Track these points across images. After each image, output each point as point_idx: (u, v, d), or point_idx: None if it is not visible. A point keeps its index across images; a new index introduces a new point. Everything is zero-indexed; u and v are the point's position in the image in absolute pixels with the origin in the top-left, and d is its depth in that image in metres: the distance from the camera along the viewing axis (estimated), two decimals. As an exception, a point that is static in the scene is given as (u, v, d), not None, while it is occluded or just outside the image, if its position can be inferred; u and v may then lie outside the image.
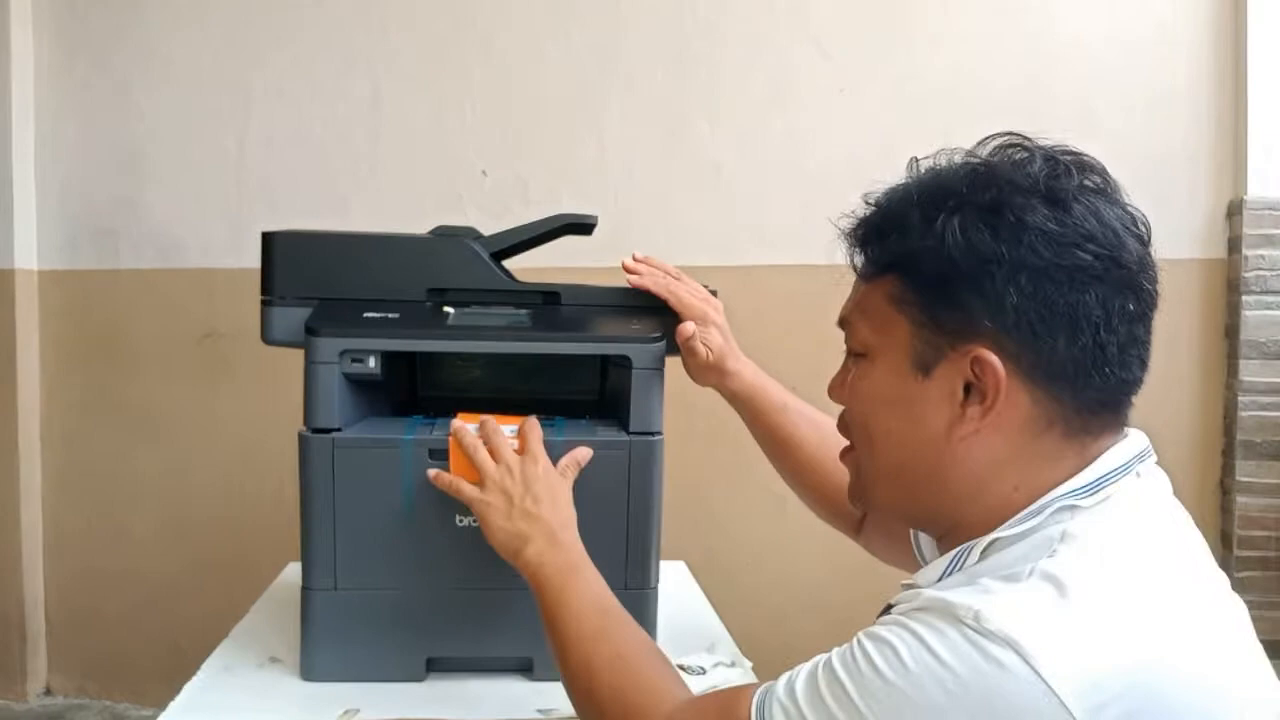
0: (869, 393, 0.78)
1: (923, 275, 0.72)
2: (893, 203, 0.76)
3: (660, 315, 1.20)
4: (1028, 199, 0.70)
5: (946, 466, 0.74)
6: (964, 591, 0.65)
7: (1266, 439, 2.45)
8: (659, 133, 2.60)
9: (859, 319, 0.79)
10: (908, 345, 0.74)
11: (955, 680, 0.60)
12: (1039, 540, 0.68)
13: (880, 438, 0.78)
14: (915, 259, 0.72)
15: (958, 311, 0.71)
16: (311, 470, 1.11)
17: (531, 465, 1.03)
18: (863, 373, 0.79)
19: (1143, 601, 0.63)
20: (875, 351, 0.77)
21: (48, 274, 2.76)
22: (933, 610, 0.64)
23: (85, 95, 2.74)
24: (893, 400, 0.75)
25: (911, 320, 0.74)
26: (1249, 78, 2.45)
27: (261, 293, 1.18)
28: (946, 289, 0.71)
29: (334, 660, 1.14)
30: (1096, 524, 0.68)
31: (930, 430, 0.73)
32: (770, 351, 2.45)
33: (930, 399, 0.73)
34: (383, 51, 2.65)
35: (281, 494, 2.46)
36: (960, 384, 0.72)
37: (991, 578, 0.66)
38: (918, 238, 0.72)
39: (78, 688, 2.80)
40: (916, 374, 0.74)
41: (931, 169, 0.77)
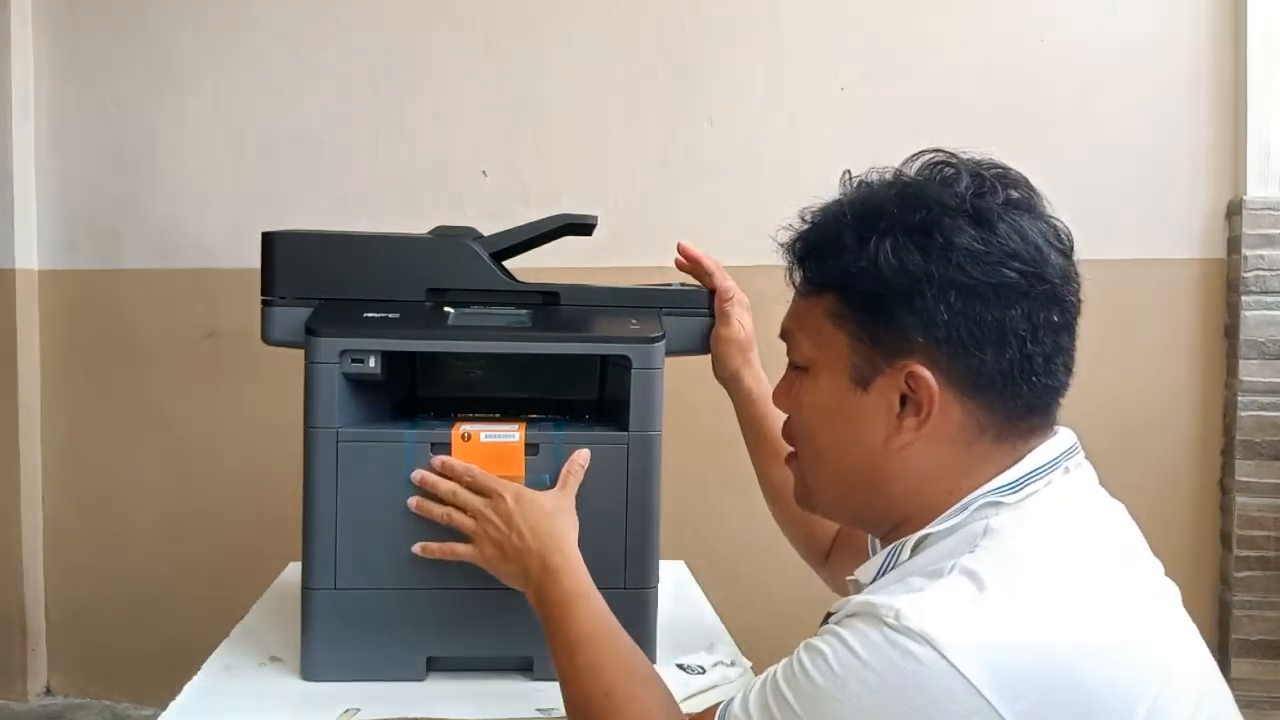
0: (812, 405, 0.82)
1: (858, 294, 0.76)
2: (827, 221, 0.80)
3: (661, 314, 1.20)
4: (955, 219, 0.73)
5: (885, 474, 0.78)
6: (891, 591, 0.69)
7: (1266, 439, 2.45)
8: (659, 133, 2.60)
9: (800, 333, 0.83)
10: (846, 360, 0.78)
11: (877, 679, 0.64)
12: (963, 536, 0.72)
13: (824, 448, 0.82)
14: (850, 279, 0.76)
15: (892, 328, 0.75)
16: (315, 465, 1.12)
17: (501, 503, 1.04)
18: (805, 386, 0.83)
19: (1057, 588, 0.67)
20: (816, 366, 0.81)
21: (48, 274, 2.77)
22: (859, 614, 0.68)
23: (85, 95, 2.74)
24: (834, 413, 0.79)
25: (849, 336, 0.77)
26: (1249, 78, 2.45)
27: (262, 293, 1.18)
28: (881, 307, 0.75)
29: (334, 659, 1.14)
30: (1018, 519, 0.72)
31: (870, 441, 0.77)
32: (769, 351, 2.46)
33: (869, 412, 0.77)
34: (383, 51, 2.65)
35: (282, 494, 2.45)
36: (896, 397, 0.76)
37: (919, 575, 0.70)
38: (852, 259, 0.76)
39: (78, 687, 2.81)
40: (855, 388, 0.78)
41: (864, 186, 0.81)
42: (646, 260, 2.50)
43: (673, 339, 1.19)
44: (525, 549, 1.01)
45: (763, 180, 2.57)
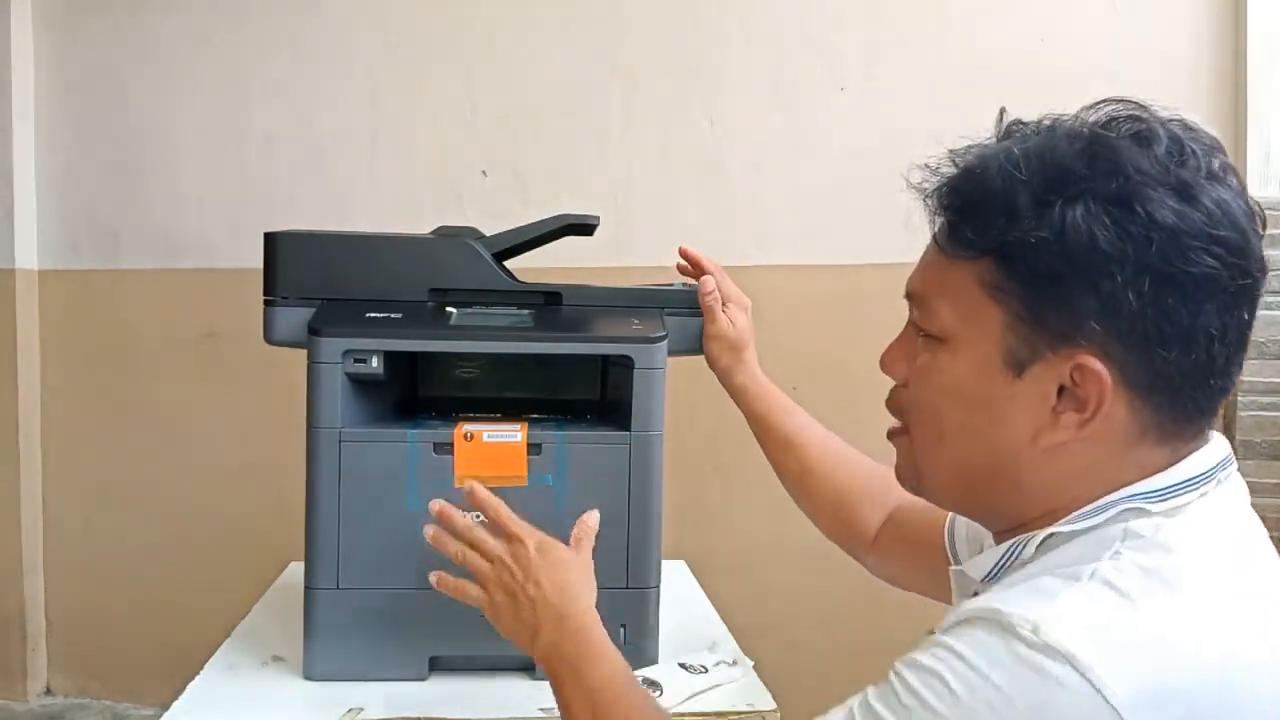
0: (945, 383, 0.70)
1: (1030, 267, 0.64)
2: (995, 174, 0.66)
3: (663, 314, 1.20)
4: (1157, 191, 0.63)
5: (1024, 472, 0.68)
6: (1018, 596, 0.61)
7: (1266, 439, 2.46)
8: (659, 133, 2.60)
9: (938, 299, 0.70)
10: (1000, 339, 0.67)
11: (1006, 702, 0.57)
12: (1098, 539, 0.64)
13: (951, 432, 0.71)
14: (1024, 248, 0.64)
15: (1065, 311, 0.64)
16: (317, 465, 1.12)
17: (522, 550, 0.95)
18: (939, 360, 0.71)
19: (1207, 606, 0.60)
20: (958, 339, 0.69)
21: (48, 274, 2.76)
22: (982, 622, 0.60)
23: (85, 95, 2.74)
24: (974, 396, 0.69)
25: (1009, 312, 0.66)
26: (1249, 78, 2.45)
27: (264, 293, 1.18)
28: (1057, 285, 0.64)
29: (337, 659, 1.14)
30: (1165, 528, 0.64)
31: (1013, 434, 0.67)
32: (770, 351, 2.46)
33: (1018, 401, 0.67)
34: (383, 51, 2.65)
35: (283, 494, 2.46)
36: (1054, 388, 0.66)
37: (1050, 576, 0.62)
38: (1030, 225, 0.64)
39: (78, 687, 2.80)
40: (1007, 372, 0.67)
41: (1038, 138, 0.68)
42: (647, 260, 2.50)
43: (674, 339, 1.19)
44: (542, 601, 0.92)
45: (763, 180, 2.57)
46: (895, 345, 0.77)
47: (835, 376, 2.43)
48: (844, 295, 2.45)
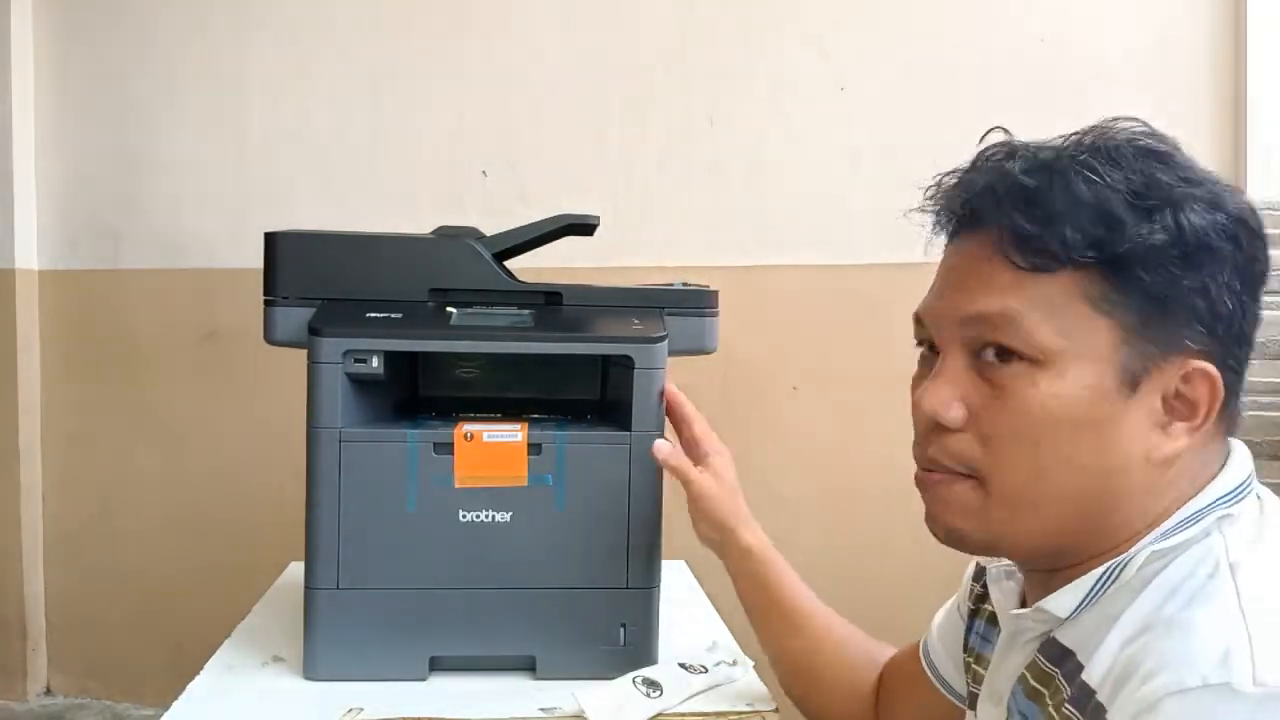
0: (1051, 409, 0.63)
1: (1146, 274, 0.61)
2: (1079, 183, 0.63)
3: (664, 314, 1.20)
4: (1229, 192, 0.64)
5: (1134, 494, 0.64)
6: (1189, 646, 0.55)
7: (1266, 439, 2.45)
8: (659, 133, 2.60)
9: (1033, 316, 0.63)
10: (1112, 356, 0.62)
11: None
12: (1199, 555, 0.61)
13: (1055, 465, 0.63)
14: (1138, 255, 0.61)
15: (1179, 317, 0.62)
16: (317, 465, 1.12)
17: None
18: (1039, 383, 0.63)
19: None
20: (1062, 359, 0.63)
21: (48, 274, 2.76)
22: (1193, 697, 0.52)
23: (85, 95, 2.74)
24: (1084, 420, 0.63)
25: (1121, 325, 0.62)
26: (1249, 78, 2.45)
27: (264, 293, 1.18)
28: (1173, 291, 0.62)
29: (337, 659, 1.14)
30: (1257, 532, 0.62)
31: (1124, 455, 0.63)
32: (770, 351, 2.47)
33: (1133, 419, 0.63)
34: (383, 51, 2.65)
35: (283, 494, 2.46)
36: (1159, 400, 0.63)
37: (1178, 609, 0.58)
38: (1142, 231, 0.61)
39: (78, 688, 2.80)
40: (1122, 390, 0.62)
41: (1089, 150, 0.65)
42: (647, 260, 2.51)
43: (675, 339, 1.19)
44: None
45: (763, 180, 2.57)
46: (940, 384, 0.67)
47: (835, 376, 2.43)
48: (844, 295, 2.45)
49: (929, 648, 0.98)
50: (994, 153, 0.68)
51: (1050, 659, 0.66)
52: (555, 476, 1.14)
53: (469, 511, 1.13)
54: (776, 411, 2.45)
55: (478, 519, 1.13)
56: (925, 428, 0.69)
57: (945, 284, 0.69)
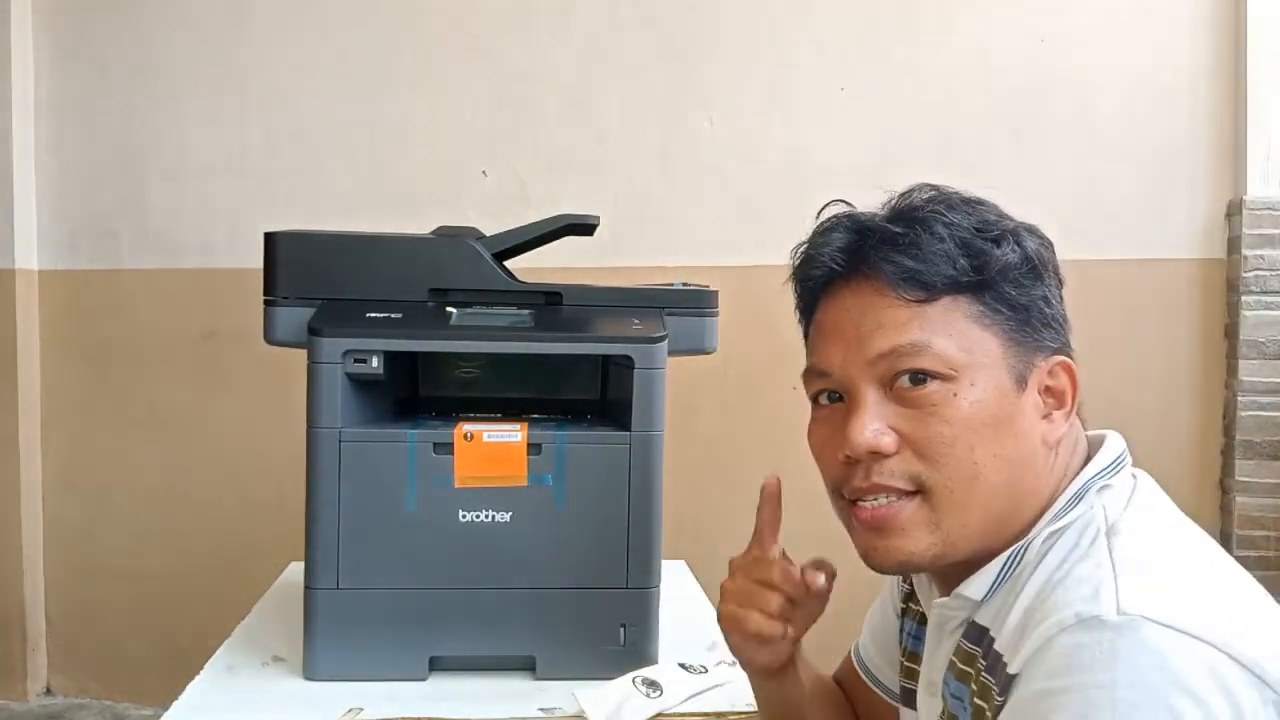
0: (974, 413, 0.71)
1: (1004, 291, 0.73)
2: (944, 227, 0.73)
3: (664, 314, 1.20)
4: (1024, 223, 0.77)
5: (1040, 476, 0.73)
6: (1068, 593, 0.64)
7: (1266, 439, 2.46)
8: (659, 133, 2.60)
9: (941, 339, 0.72)
10: (1001, 361, 0.72)
11: None
12: (1082, 525, 0.70)
13: (987, 462, 0.71)
14: (998, 275, 0.72)
15: (1034, 323, 0.74)
16: (317, 465, 1.12)
17: None
18: (959, 394, 0.71)
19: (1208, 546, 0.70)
20: (969, 370, 0.71)
21: (48, 274, 2.77)
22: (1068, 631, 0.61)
23: (85, 95, 2.74)
24: (1001, 417, 0.71)
25: (1001, 335, 0.73)
26: (1249, 78, 2.46)
27: (264, 293, 1.18)
28: (1027, 302, 0.73)
29: (337, 659, 1.14)
30: (1134, 505, 0.71)
31: (1030, 444, 0.73)
32: (771, 351, 2.46)
33: (1026, 412, 0.73)
34: (383, 51, 2.65)
35: (282, 494, 2.46)
36: (1038, 394, 0.74)
37: (1064, 571, 0.66)
38: (992, 257, 0.72)
39: (78, 687, 2.81)
40: (1016, 388, 0.72)
41: (928, 200, 0.76)
42: (647, 260, 2.51)
43: (675, 339, 1.19)
44: None
45: (763, 180, 2.57)
46: (866, 418, 0.73)
47: (835, 376, 2.43)
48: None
49: (862, 654, 0.99)
50: (840, 216, 0.78)
51: (971, 640, 0.73)
52: (555, 476, 1.14)
53: (469, 511, 1.13)
54: (776, 411, 2.45)
55: (478, 519, 1.13)
56: (857, 462, 0.74)
57: (841, 334, 0.76)
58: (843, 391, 0.76)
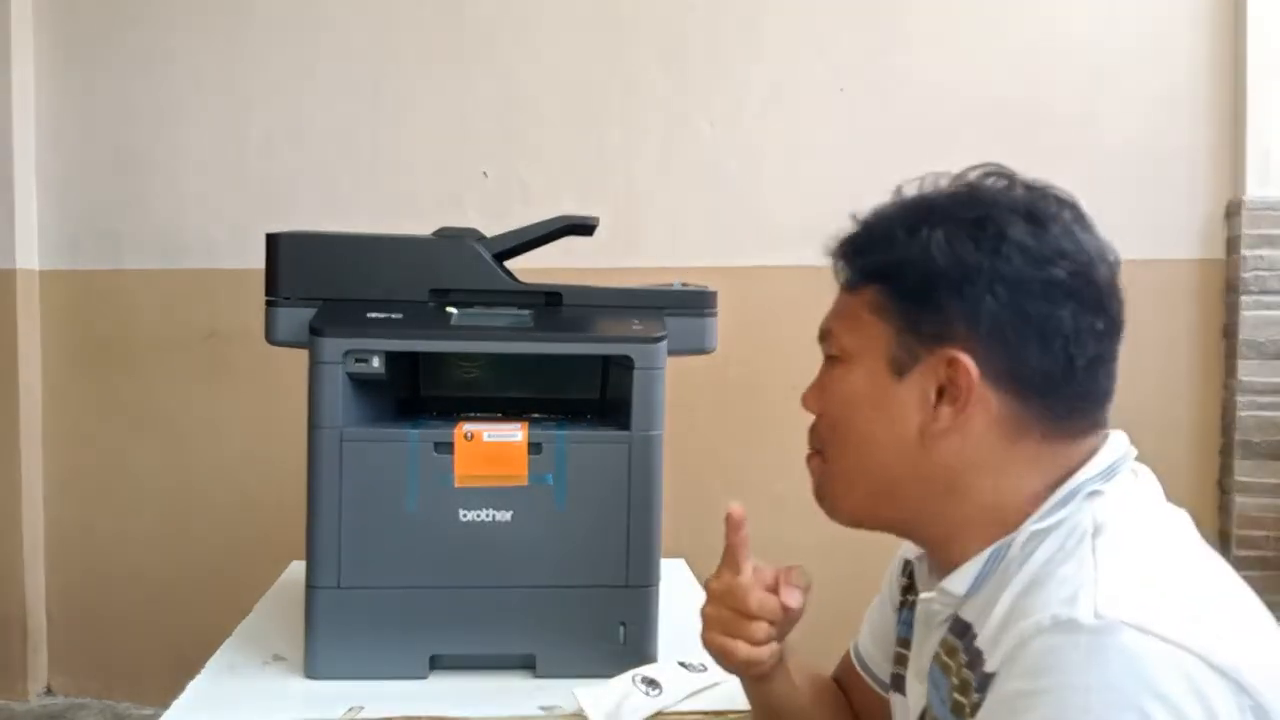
0: (843, 394, 0.79)
1: (904, 283, 0.75)
2: (877, 218, 0.79)
3: (663, 315, 1.20)
4: (1009, 215, 0.73)
5: (920, 467, 0.75)
6: (1048, 594, 0.65)
7: (1265, 439, 2.46)
8: (659, 133, 2.60)
9: (838, 326, 0.81)
10: (885, 349, 0.76)
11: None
12: (1069, 527, 0.70)
13: (853, 438, 0.79)
14: (898, 268, 0.75)
15: (936, 317, 0.73)
16: (318, 465, 1.12)
17: None
18: (838, 375, 0.80)
19: (1196, 548, 0.70)
20: (852, 355, 0.79)
21: (49, 274, 2.77)
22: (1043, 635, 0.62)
23: (86, 95, 2.74)
24: (866, 400, 0.77)
25: (891, 326, 0.76)
26: (1248, 78, 2.46)
27: (266, 293, 1.19)
28: (927, 295, 0.74)
29: (338, 658, 1.14)
30: (1124, 510, 0.70)
31: (903, 430, 0.75)
32: (770, 351, 2.47)
33: (904, 400, 0.75)
34: (383, 51, 2.66)
35: (283, 494, 2.46)
36: (933, 387, 0.74)
37: (1047, 571, 0.67)
38: (901, 249, 0.75)
39: (79, 687, 2.81)
40: (892, 376, 0.76)
41: (917, 192, 0.80)
42: (647, 260, 2.51)
43: (675, 339, 1.19)
44: None
45: (763, 180, 2.57)
46: (812, 386, 0.84)
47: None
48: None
49: (861, 651, 1.00)
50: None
51: (955, 633, 0.75)
52: (555, 476, 1.14)
53: (469, 511, 1.13)
54: (776, 411, 2.45)
55: (478, 518, 1.14)
56: None
57: None
58: None
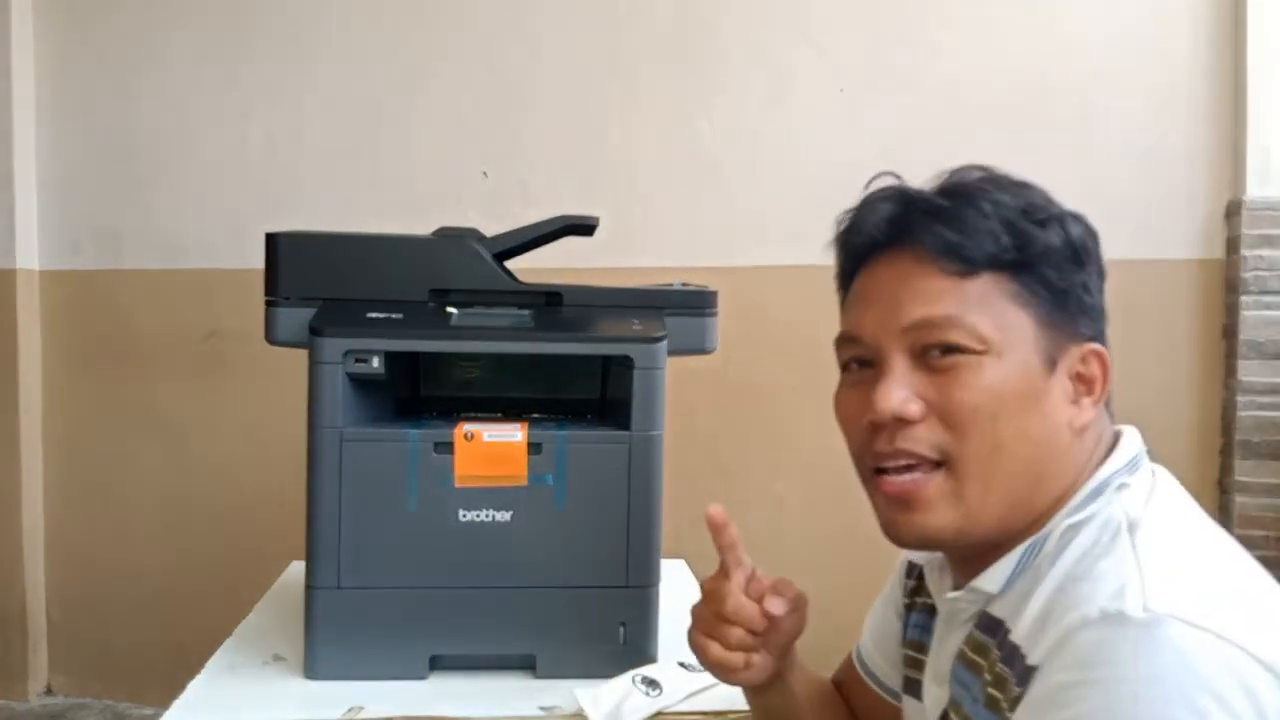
0: (997, 390, 0.71)
1: (1044, 273, 0.73)
2: (984, 203, 0.73)
3: (663, 315, 1.20)
4: (1072, 211, 0.76)
5: (1064, 462, 0.73)
6: (1092, 588, 0.64)
7: (1265, 439, 2.46)
8: (659, 133, 2.60)
9: (971, 314, 0.72)
10: (1034, 340, 0.72)
11: None
12: (1103, 520, 0.70)
13: (1008, 438, 0.72)
14: (1040, 257, 0.73)
15: (1071, 309, 0.73)
16: (319, 465, 1.12)
17: None
18: (988, 370, 0.72)
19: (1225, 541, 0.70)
20: (1000, 347, 0.72)
21: (49, 274, 2.77)
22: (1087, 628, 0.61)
23: (86, 95, 2.74)
24: (1024, 396, 0.72)
25: (1035, 316, 0.72)
26: (1248, 78, 2.46)
27: (265, 293, 1.19)
28: (1065, 287, 0.73)
29: (338, 658, 1.14)
30: (1154, 503, 0.71)
31: (1055, 423, 0.72)
32: (770, 351, 2.47)
33: (1055, 394, 0.73)
34: (383, 51, 2.66)
35: (283, 494, 2.47)
36: (1068, 379, 0.74)
37: (1086, 565, 0.67)
38: (1037, 238, 0.72)
39: (79, 687, 2.81)
40: (1045, 370, 0.73)
41: (979, 178, 0.76)
42: (647, 260, 2.51)
43: (675, 339, 1.19)
44: None
45: (763, 180, 2.57)
46: (894, 385, 0.73)
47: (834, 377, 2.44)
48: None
49: (863, 655, 0.99)
50: (888, 189, 0.78)
51: (984, 630, 0.73)
52: (555, 476, 1.14)
53: (469, 511, 1.13)
54: (776, 411, 2.45)
55: (478, 519, 1.14)
56: (882, 428, 0.74)
57: (876, 301, 0.77)
58: (873, 358, 0.76)
